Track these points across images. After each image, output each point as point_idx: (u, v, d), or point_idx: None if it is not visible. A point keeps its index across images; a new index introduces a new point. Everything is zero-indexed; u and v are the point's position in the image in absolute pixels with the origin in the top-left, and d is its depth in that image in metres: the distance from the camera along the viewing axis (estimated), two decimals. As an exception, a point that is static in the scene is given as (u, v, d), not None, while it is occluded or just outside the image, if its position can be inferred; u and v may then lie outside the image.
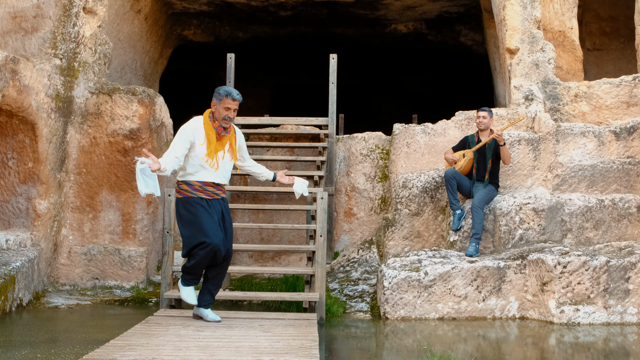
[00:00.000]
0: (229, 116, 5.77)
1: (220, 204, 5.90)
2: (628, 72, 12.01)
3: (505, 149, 8.26)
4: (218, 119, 5.80)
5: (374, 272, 8.66)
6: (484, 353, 6.00)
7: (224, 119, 5.77)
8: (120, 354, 4.67)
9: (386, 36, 14.47)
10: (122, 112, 8.94)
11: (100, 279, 8.81)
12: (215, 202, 5.86)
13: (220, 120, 5.78)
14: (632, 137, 8.72)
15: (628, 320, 7.28)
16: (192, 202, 5.76)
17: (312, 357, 4.67)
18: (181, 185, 5.84)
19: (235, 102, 5.77)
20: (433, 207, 8.96)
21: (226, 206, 5.98)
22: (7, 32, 8.56)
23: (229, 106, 5.75)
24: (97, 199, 8.91)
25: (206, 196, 5.80)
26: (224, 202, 5.97)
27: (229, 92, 5.77)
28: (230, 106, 5.76)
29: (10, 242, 7.95)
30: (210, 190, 5.83)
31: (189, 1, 12.94)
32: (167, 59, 14.05)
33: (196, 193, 5.78)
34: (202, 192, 5.80)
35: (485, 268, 7.56)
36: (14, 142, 8.25)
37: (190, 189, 5.78)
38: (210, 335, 5.37)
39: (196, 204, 5.75)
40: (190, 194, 5.77)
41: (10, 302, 7.35)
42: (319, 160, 9.77)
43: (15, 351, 5.58)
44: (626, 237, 8.22)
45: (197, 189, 5.78)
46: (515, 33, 9.73)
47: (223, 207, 5.92)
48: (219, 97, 5.77)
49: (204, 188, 5.80)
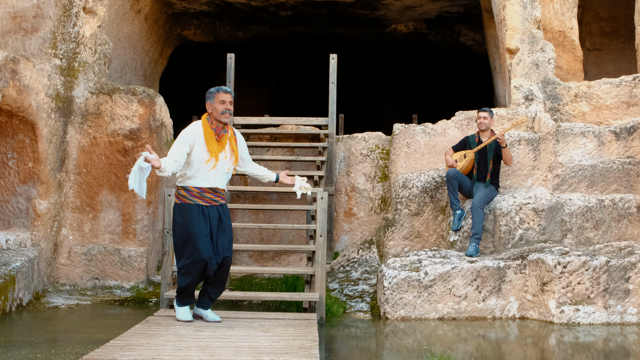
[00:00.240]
0: (226, 108, 5.80)
1: (218, 210, 5.89)
2: (628, 72, 12.01)
3: (507, 151, 8.26)
4: (217, 117, 5.81)
5: (374, 272, 8.66)
6: (484, 353, 6.00)
7: (223, 114, 5.79)
8: (120, 354, 4.67)
9: (386, 36, 14.47)
10: (122, 112, 8.94)
11: (100, 279, 8.81)
12: (213, 209, 5.86)
13: (220, 117, 5.79)
14: (632, 137, 8.72)
15: (628, 320, 7.28)
16: (189, 209, 5.77)
17: (312, 357, 4.68)
18: (180, 190, 5.86)
19: (227, 94, 5.83)
20: (433, 207, 8.96)
21: (225, 211, 5.97)
22: (7, 32, 8.56)
23: (223, 99, 5.80)
24: (97, 199, 8.92)
25: (204, 203, 5.81)
26: (223, 208, 5.96)
27: (218, 87, 5.88)
28: (225, 99, 5.81)
29: (10, 242, 7.95)
30: (208, 197, 5.84)
31: (189, 1, 12.94)
32: (167, 59, 14.05)
33: (193, 199, 5.79)
34: (200, 199, 5.81)
35: (485, 268, 7.56)
36: (14, 142, 8.25)
37: (188, 194, 5.80)
38: (210, 335, 5.37)
39: (191, 212, 5.76)
40: (188, 201, 5.79)
41: (10, 302, 7.35)
42: (319, 160, 9.77)
43: (15, 351, 5.58)
44: (626, 237, 8.22)
45: (195, 195, 5.79)
46: (515, 33, 9.73)
47: (221, 213, 5.92)
48: (211, 95, 5.84)
49: (202, 194, 5.81)
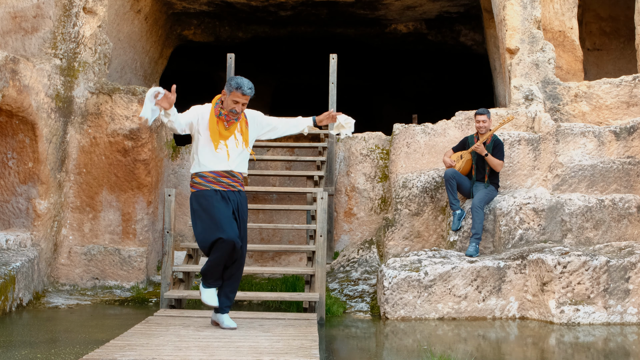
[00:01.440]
0: (235, 109, 5.49)
1: (237, 197, 5.56)
2: (628, 72, 12.01)
3: (490, 159, 8.18)
4: (226, 109, 5.54)
5: (374, 272, 8.66)
6: (484, 353, 6.00)
7: (231, 112, 5.50)
8: (120, 354, 4.67)
9: (386, 36, 14.47)
10: (122, 112, 8.93)
11: (100, 279, 8.81)
12: (232, 194, 5.53)
13: (227, 111, 5.53)
14: (632, 137, 8.72)
15: (628, 320, 7.28)
16: (207, 195, 5.44)
17: (312, 357, 4.67)
18: (194, 178, 5.54)
19: (245, 96, 5.48)
20: (433, 207, 8.96)
21: (243, 201, 5.62)
22: (7, 32, 8.56)
23: (237, 99, 5.48)
24: (97, 199, 8.91)
25: (221, 188, 5.49)
26: (241, 196, 5.61)
27: (240, 85, 5.48)
28: (239, 100, 5.48)
29: (10, 242, 7.95)
30: (225, 182, 5.51)
31: (189, 1, 12.93)
32: (167, 59, 14.05)
33: (210, 185, 5.47)
34: (217, 184, 5.49)
35: (485, 268, 7.56)
36: (14, 142, 8.25)
37: (204, 181, 5.49)
38: (210, 335, 5.37)
39: (210, 197, 5.43)
40: (204, 187, 5.47)
41: (10, 302, 7.35)
42: (319, 160, 9.77)
43: (15, 351, 5.58)
44: (626, 237, 8.22)
45: (210, 181, 5.48)
46: (515, 33, 9.73)
47: (239, 202, 5.59)
48: (230, 88, 5.49)
49: (217, 179, 5.50)
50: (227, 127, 5.54)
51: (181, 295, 6.93)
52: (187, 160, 9.98)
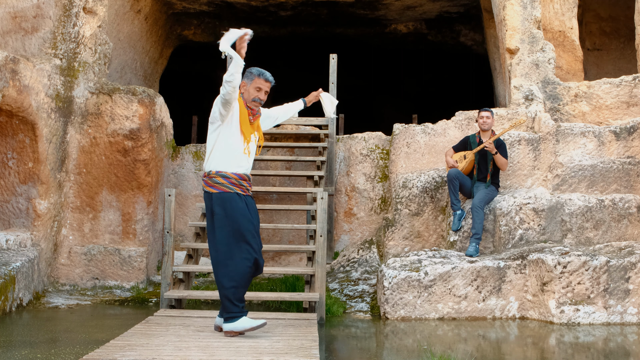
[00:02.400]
0: (259, 97, 5.29)
1: (252, 202, 5.31)
2: (628, 72, 12.02)
3: (498, 157, 8.23)
4: (247, 101, 5.31)
5: (374, 272, 8.66)
6: (484, 353, 6.00)
7: (254, 101, 5.29)
8: (120, 354, 4.67)
9: (386, 36, 14.47)
10: (122, 112, 8.94)
11: (100, 279, 8.81)
12: (250, 199, 5.29)
13: (250, 102, 5.30)
14: (632, 137, 8.72)
15: (628, 320, 7.28)
16: (231, 199, 5.13)
17: (312, 357, 4.67)
18: (215, 178, 5.19)
19: (267, 83, 5.30)
20: (433, 207, 8.96)
21: (255, 207, 5.35)
22: (7, 32, 8.56)
23: (260, 86, 5.29)
24: (97, 199, 8.91)
25: (242, 192, 5.22)
26: (253, 201, 5.38)
27: (262, 72, 5.32)
28: (262, 87, 5.29)
29: (11, 242, 7.95)
30: (244, 186, 5.25)
31: (189, 1, 12.94)
32: (167, 59, 14.05)
33: (233, 188, 5.16)
34: (239, 187, 5.19)
35: (485, 268, 7.56)
36: (14, 142, 8.25)
37: (227, 182, 5.17)
38: (210, 335, 5.37)
39: (234, 203, 5.13)
40: (228, 189, 5.16)
41: (10, 302, 7.35)
42: (319, 160, 9.77)
43: (15, 351, 5.57)
44: (626, 237, 8.22)
45: (234, 184, 5.17)
46: (515, 33, 9.73)
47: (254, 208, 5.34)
48: (251, 76, 5.33)
49: (240, 182, 5.21)
50: (252, 122, 5.32)
51: (181, 295, 6.93)
52: (187, 160, 9.98)
